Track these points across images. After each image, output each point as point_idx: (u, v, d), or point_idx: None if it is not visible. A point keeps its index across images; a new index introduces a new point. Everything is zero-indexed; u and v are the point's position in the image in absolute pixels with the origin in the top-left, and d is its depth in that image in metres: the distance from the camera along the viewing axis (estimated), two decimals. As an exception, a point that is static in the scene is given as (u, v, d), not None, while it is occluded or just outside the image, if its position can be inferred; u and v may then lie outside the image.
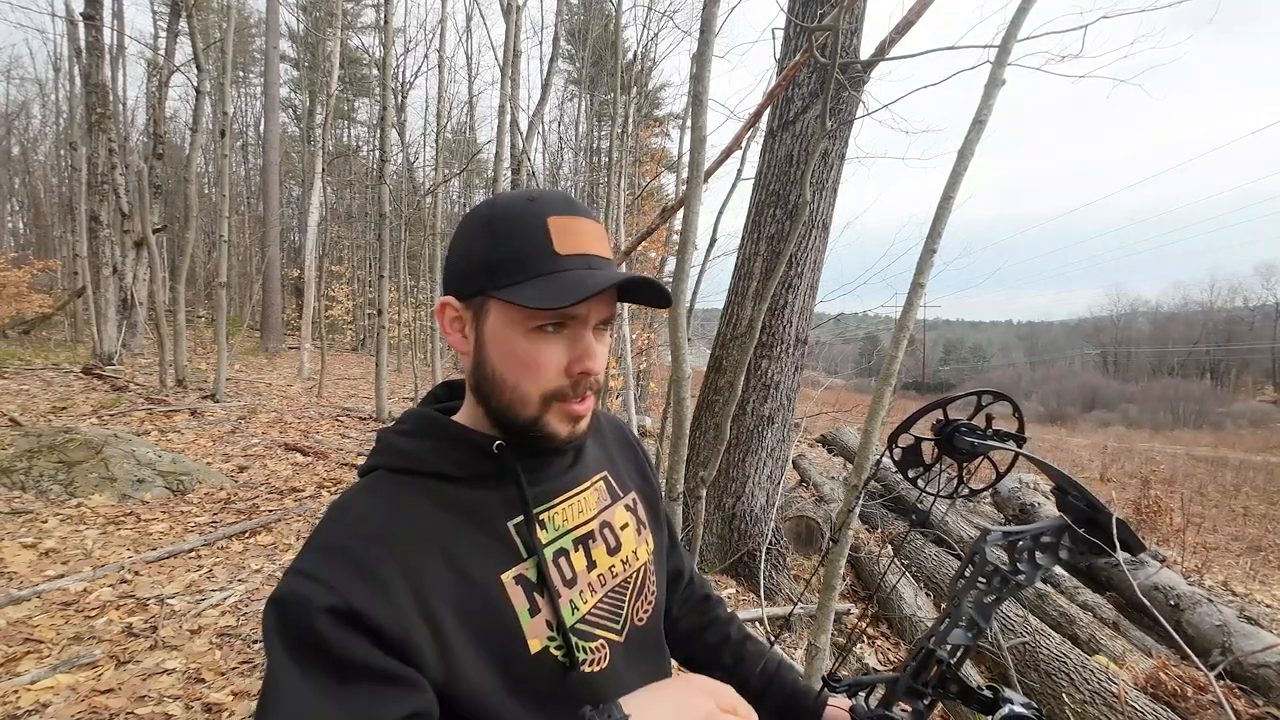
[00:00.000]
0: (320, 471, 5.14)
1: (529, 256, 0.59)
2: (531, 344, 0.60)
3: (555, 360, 0.61)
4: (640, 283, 0.61)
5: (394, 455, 0.63)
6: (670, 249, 11.51)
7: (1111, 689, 2.50)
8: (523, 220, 0.60)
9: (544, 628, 0.61)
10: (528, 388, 0.61)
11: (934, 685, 0.66)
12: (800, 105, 3.52)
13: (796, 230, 2.74)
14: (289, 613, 0.50)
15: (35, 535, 3.34)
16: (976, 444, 0.72)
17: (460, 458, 0.63)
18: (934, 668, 0.66)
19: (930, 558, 4.04)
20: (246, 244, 22.78)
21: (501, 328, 0.61)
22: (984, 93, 1.79)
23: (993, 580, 0.67)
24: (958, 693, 0.66)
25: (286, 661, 0.49)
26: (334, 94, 11.54)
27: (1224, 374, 52.01)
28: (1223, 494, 11.44)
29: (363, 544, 0.54)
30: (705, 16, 2.27)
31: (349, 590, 0.50)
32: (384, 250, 7.62)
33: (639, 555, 0.75)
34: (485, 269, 0.60)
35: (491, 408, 0.63)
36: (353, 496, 0.60)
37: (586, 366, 0.61)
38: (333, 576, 0.51)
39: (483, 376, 0.63)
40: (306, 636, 0.49)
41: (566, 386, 0.62)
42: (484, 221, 0.62)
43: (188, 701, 2.14)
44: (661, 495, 0.87)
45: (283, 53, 19.79)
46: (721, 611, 0.93)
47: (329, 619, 0.49)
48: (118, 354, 9.16)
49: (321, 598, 0.50)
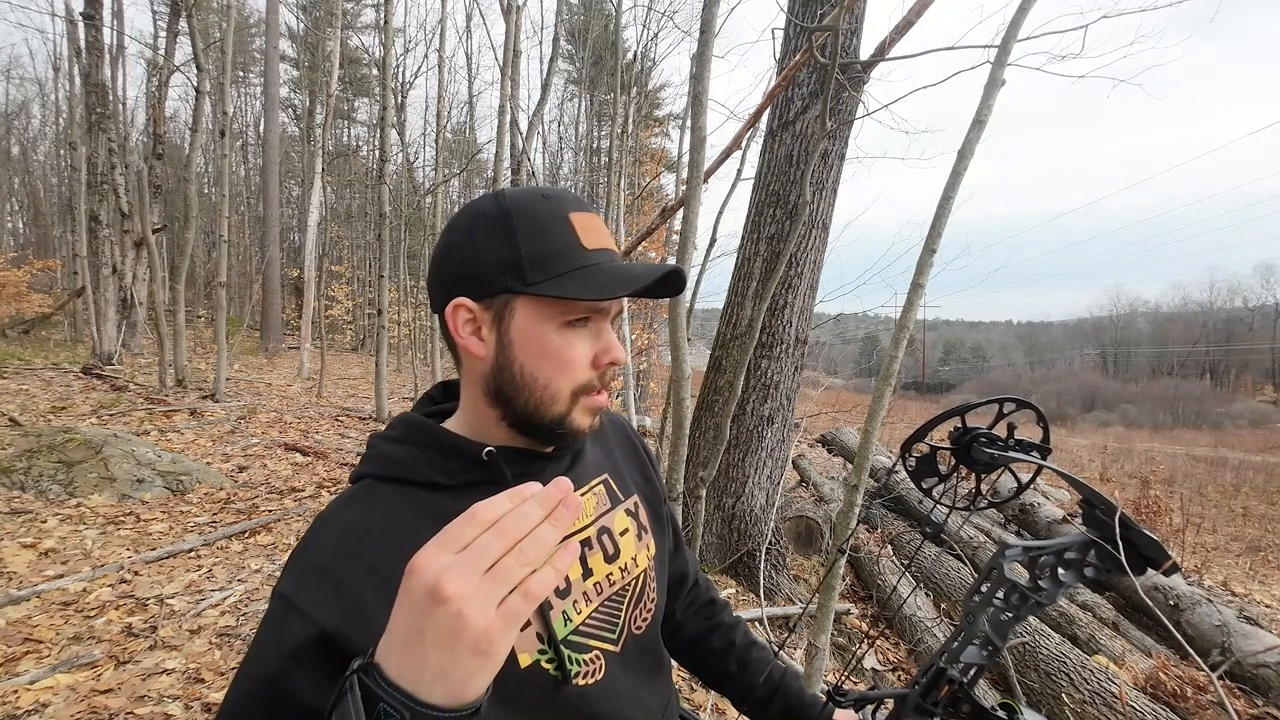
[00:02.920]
0: (320, 471, 5.14)
1: (559, 253, 0.59)
2: (564, 339, 0.60)
3: (583, 353, 0.61)
4: (679, 278, 0.63)
5: (382, 463, 0.62)
6: (670, 249, 11.51)
7: (1111, 689, 2.51)
8: (546, 217, 0.60)
9: (534, 641, 0.59)
10: (560, 383, 0.61)
11: (945, 705, 0.64)
12: (800, 105, 3.52)
13: (796, 230, 2.74)
14: (271, 630, 0.52)
15: (35, 535, 3.34)
16: (997, 455, 0.69)
17: (449, 466, 0.62)
18: (945, 687, 0.64)
19: (930, 558, 4.05)
20: (246, 244, 22.79)
21: (532, 325, 0.60)
22: (984, 93, 1.79)
23: (1010, 597, 0.64)
24: (970, 713, 0.63)
25: (248, 667, 0.51)
26: (334, 94, 11.53)
27: (1223, 374, 52.02)
28: (1222, 494, 11.44)
29: (342, 561, 0.54)
30: (705, 16, 2.27)
31: (323, 614, 0.51)
32: (384, 250, 7.61)
33: (638, 562, 0.73)
34: (511, 267, 0.59)
35: (517, 409, 0.62)
36: (337, 509, 0.60)
37: (614, 357, 0.62)
38: (309, 599, 0.52)
39: (508, 379, 0.61)
40: (281, 654, 0.51)
41: (594, 379, 0.62)
42: (496, 219, 0.60)
43: (187, 701, 2.14)
44: (664, 497, 0.86)
45: (283, 53, 19.79)
46: (726, 616, 0.92)
47: (296, 660, 0.50)
48: (117, 354, 9.16)
49: (301, 627, 0.51)
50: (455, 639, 0.37)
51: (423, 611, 0.37)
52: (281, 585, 0.54)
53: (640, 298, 0.65)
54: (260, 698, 0.50)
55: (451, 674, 0.38)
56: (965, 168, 1.78)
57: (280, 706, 0.49)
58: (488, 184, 20.10)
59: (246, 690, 0.51)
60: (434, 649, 0.37)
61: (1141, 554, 0.61)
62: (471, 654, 0.37)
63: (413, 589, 0.38)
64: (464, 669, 0.38)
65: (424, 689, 0.37)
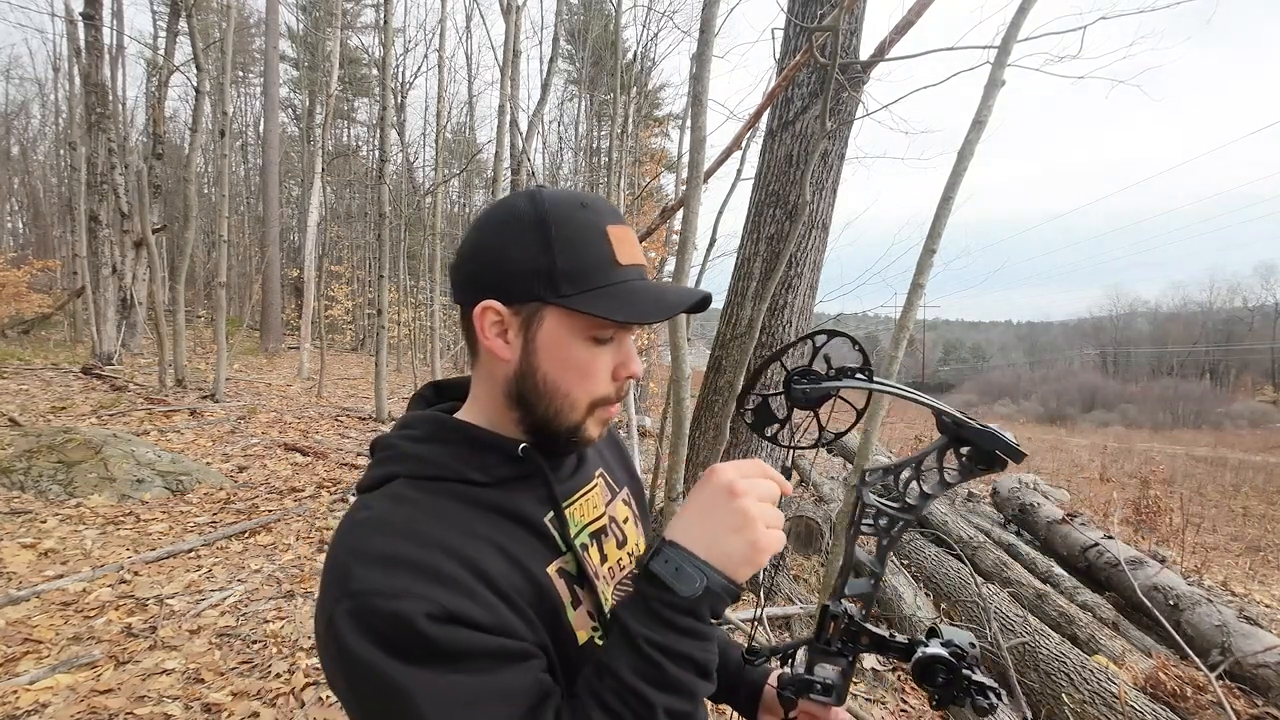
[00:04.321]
0: (320, 471, 5.14)
1: (594, 267, 0.59)
2: (588, 352, 0.61)
3: (606, 367, 0.62)
4: (708, 301, 0.65)
5: (412, 462, 0.61)
6: (670, 249, 11.51)
7: (1111, 689, 2.51)
8: (584, 228, 0.59)
9: (587, 619, 0.62)
10: (579, 395, 0.62)
11: (841, 641, 0.66)
12: (800, 105, 3.51)
13: (796, 230, 2.74)
14: (388, 630, 0.48)
15: (34, 535, 3.34)
16: (810, 389, 0.70)
17: (486, 462, 0.62)
18: (831, 624, 0.66)
19: (930, 558, 4.05)
20: (246, 244, 22.78)
21: (560, 336, 0.60)
22: (984, 93, 1.79)
23: (879, 521, 0.68)
24: (870, 644, 0.66)
25: (409, 670, 0.47)
26: (334, 94, 11.53)
27: (1223, 374, 52.01)
28: (1222, 494, 11.45)
29: (421, 551, 0.52)
30: (705, 17, 2.27)
31: (436, 595, 0.49)
32: (384, 250, 7.62)
33: (640, 548, 0.77)
34: (544, 276, 0.58)
35: (535, 416, 0.63)
36: (383, 507, 0.57)
37: (632, 370, 0.64)
38: (410, 586, 0.49)
39: (530, 385, 0.62)
40: (418, 644, 0.48)
41: (612, 392, 0.63)
42: (534, 225, 0.59)
43: (187, 701, 2.14)
44: (645, 491, 0.88)
45: (283, 53, 19.78)
46: None
47: (431, 623, 0.48)
48: (117, 354, 9.17)
49: (413, 606, 0.48)
50: (741, 527, 0.54)
51: (719, 501, 0.55)
52: (364, 583, 0.50)
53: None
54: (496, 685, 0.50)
55: (731, 553, 0.54)
56: (965, 168, 1.79)
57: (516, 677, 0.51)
58: (487, 184, 20.11)
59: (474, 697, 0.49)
60: (723, 530, 0.54)
61: (986, 449, 0.62)
62: (748, 544, 0.54)
63: (712, 484, 0.56)
64: (740, 553, 0.54)
65: (712, 557, 0.53)
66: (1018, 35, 1.83)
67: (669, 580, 0.53)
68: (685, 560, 0.53)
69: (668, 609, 0.52)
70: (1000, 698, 0.63)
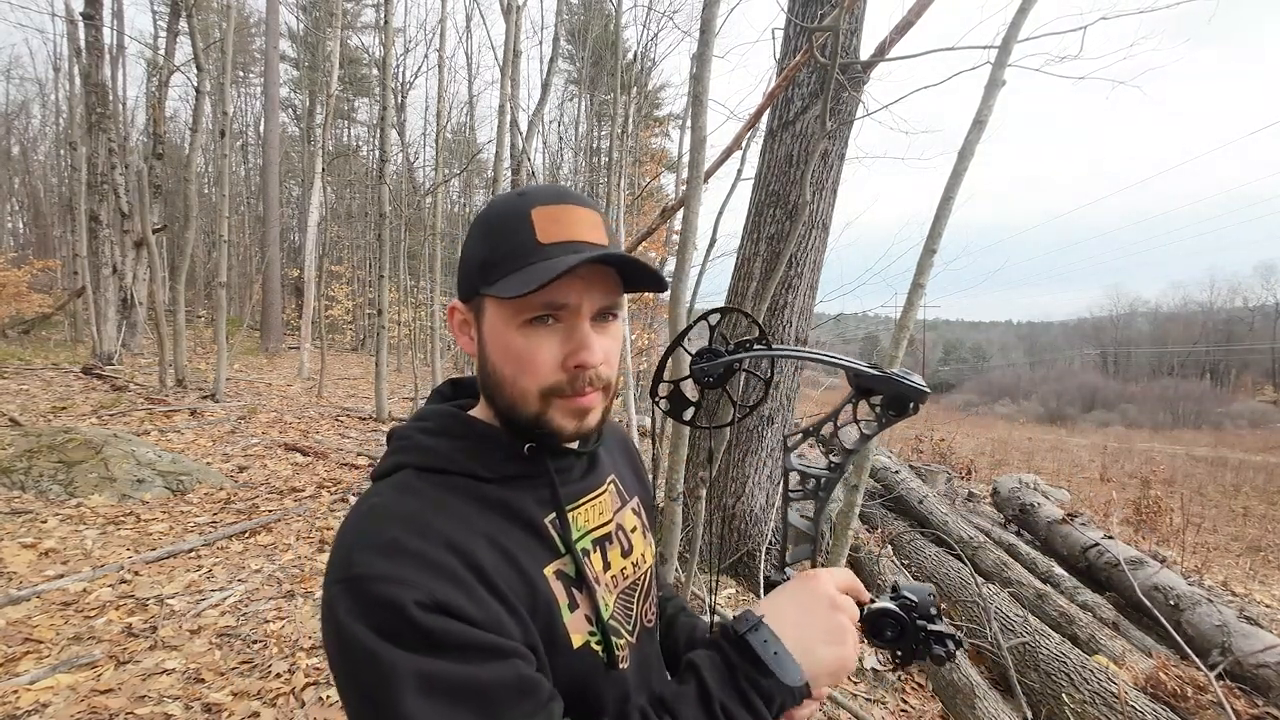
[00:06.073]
0: (320, 471, 5.14)
1: (513, 252, 0.58)
2: (525, 338, 0.59)
3: (550, 354, 0.59)
4: (622, 260, 0.59)
5: (421, 454, 0.62)
6: (670, 249, 11.51)
7: (1111, 689, 2.51)
8: (510, 216, 0.60)
9: (584, 623, 0.61)
10: (525, 383, 0.60)
11: None
12: (800, 105, 3.51)
13: (796, 230, 2.74)
14: (380, 612, 0.49)
15: (35, 535, 3.34)
16: (707, 366, 0.71)
17: (490, 458, 0.62)
18: None
19: (930, 558, 4.04)
20: (246, 244, 22.78)
21: (495, 324, 0.61)
22: (984, 93, 1.79)
23: (808, 484, 0.70)
24: None
25: (397, 652, 0.48)
26: (334, 94, 11.53)
27: (1224, 374, 51.96)
28: (1222, 494, 11.44)
29: (420, 541, 0.53)
30: (705, 17, 2.27)
31: (429, 585, 0.50)
32: (384, 250, 7.61)
33: (645, 558, 0.75)
34: (480, 268, 0.60)
35: (498, 407, 0.63)
36: (390, 496, 0.58)
37: (581, 359, 0.59)
38: (405, 574, 0.50)
39: (486, 375, 0.63)
40: (407, 629, 0.49)
41: (564, 382, 0.60)
42: (480, 221, 0.63)
43: (187, 701, 2.14)
44: (655, 501, 0.88)
45: (283, 53, 19.80)
46: (667, 591, 0.96)
47: (421, 611, 0.49)
48: (117, 354, 9.16)
49: (405, 593, 0.49)
50: (839, 641, 0.58)
51: (821, 608, 0.59)
52: (364, 569, 0.51)
53: (632, 292, 0.64)
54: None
55: (822, 660, 0.57)
56: (965, 168, 1.79)
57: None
58: (488, 184, 20.11)
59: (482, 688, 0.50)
60: (821, 637, 0.58)
61: (890, 393, 0.64)
62: (838, 659, 0.58)
63: (813, 589, 0.61)
64: (829, 665, 0.58)
65: (802, 657, 0.57)
66: (1018, 35, 1.83)
67: (768, 661, 0.55)
68: (782, 649, 0.56)
69: (753, 689, 0.55)
70: (960, 644, 0.64)
